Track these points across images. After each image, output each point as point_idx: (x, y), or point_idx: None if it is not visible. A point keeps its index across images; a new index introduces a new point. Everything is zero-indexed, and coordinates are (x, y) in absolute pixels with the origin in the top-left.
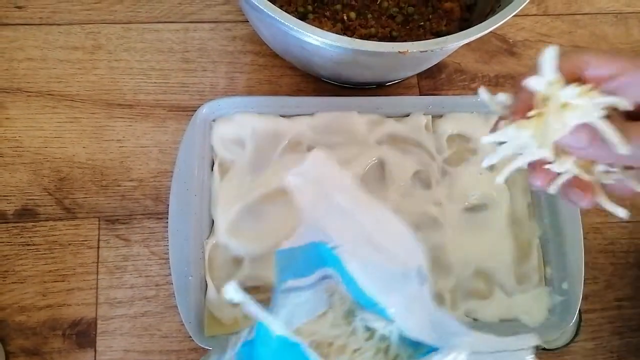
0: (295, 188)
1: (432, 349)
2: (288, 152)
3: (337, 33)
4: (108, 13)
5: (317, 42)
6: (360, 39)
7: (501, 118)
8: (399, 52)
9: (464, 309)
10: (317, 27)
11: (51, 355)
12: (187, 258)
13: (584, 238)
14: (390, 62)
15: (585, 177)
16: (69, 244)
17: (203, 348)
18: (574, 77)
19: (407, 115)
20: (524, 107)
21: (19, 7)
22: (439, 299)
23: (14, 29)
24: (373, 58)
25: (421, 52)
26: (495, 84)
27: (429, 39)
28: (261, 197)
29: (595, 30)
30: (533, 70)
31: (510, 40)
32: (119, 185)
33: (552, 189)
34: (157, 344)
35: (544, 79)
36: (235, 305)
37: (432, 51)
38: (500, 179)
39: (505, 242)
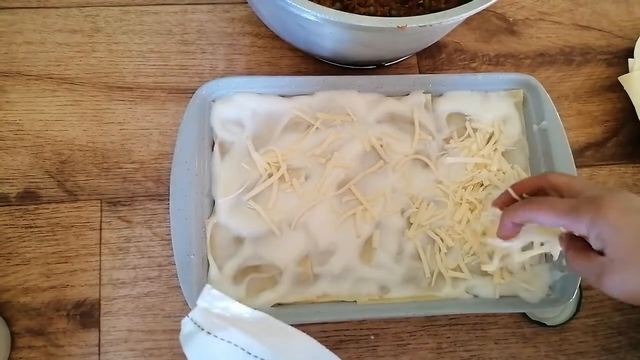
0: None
1: None
2: (288, 131)
3: None
4: None
5: (317, 18)
6: None
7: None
8: (398, 27)
9: (465, 286)
10: None
11: (56, 336)
12: (189, 237)
13: None
14: (390, 39)
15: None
16: (72, 226)
17: None
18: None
19: (407, 95)
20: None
21: None
22: (439, 276)
23: (12, 12)
24: (372, 35)
25: (420, 26)
26: (496, 63)
27: None
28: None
29: (596, 8)
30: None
31: (511, 19)
32: (120, 168)
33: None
34: (161, 324)
35: None
36: (237, 283)
37: (430, 26)
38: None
39: None
